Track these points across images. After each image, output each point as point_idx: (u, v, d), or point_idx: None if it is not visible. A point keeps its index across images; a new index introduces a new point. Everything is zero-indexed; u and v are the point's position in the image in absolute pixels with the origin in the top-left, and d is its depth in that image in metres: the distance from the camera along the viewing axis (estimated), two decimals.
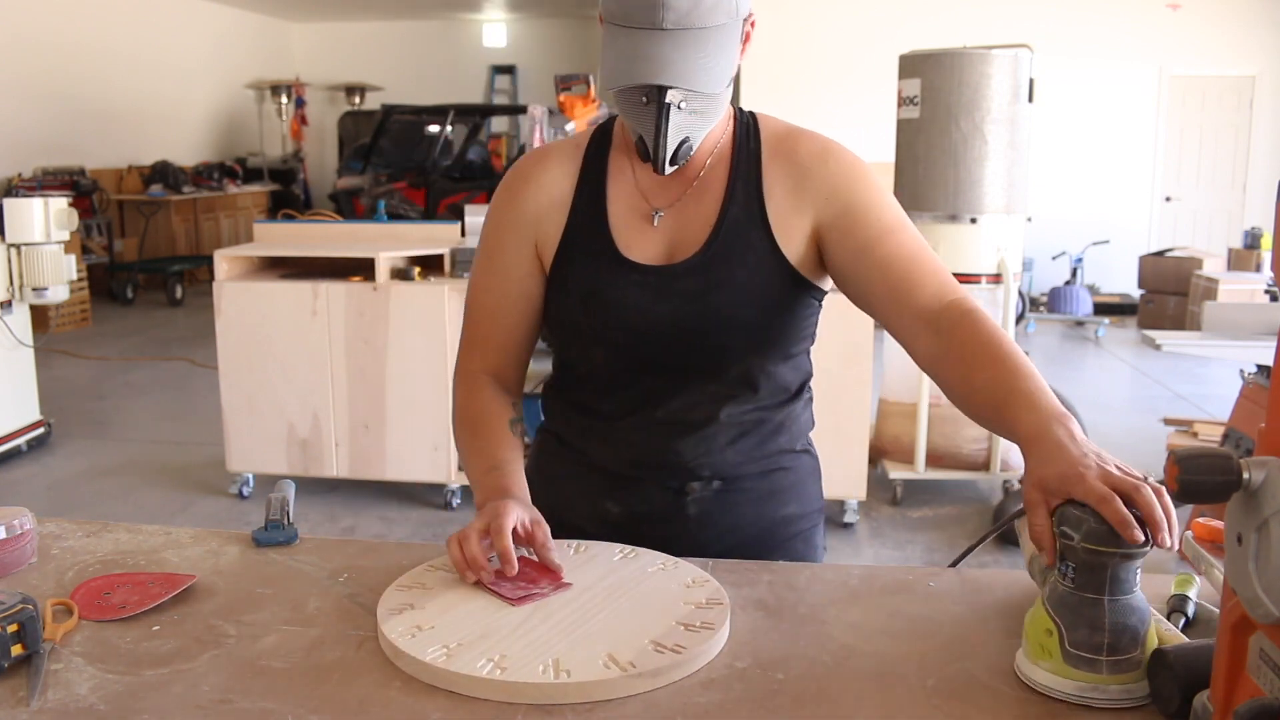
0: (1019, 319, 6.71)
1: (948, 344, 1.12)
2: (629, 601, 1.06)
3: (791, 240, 1.23)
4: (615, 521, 1.31)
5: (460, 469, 4.02)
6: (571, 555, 1.17)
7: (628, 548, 1.19)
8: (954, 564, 1.19)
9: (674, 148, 1.16)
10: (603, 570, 1.13)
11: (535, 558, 1.13)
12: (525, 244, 1.29)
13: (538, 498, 1.22)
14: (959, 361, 1.10)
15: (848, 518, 4.04)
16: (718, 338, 1.24)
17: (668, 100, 1.12)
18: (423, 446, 4.05)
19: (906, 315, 1.18)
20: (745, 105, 1.34)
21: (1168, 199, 9.63)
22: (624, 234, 1.25)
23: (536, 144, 4.63)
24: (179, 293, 9.34)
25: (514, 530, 1.10)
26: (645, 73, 1.10)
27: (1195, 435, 4.52)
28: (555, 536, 1.15)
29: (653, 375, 1.27)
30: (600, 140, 1.31)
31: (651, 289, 1.23)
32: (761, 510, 1.34)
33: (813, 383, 1.45)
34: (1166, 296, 8.05)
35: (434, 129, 10.34)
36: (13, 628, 0.92)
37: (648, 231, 1.25)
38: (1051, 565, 0.91)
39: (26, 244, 4.50)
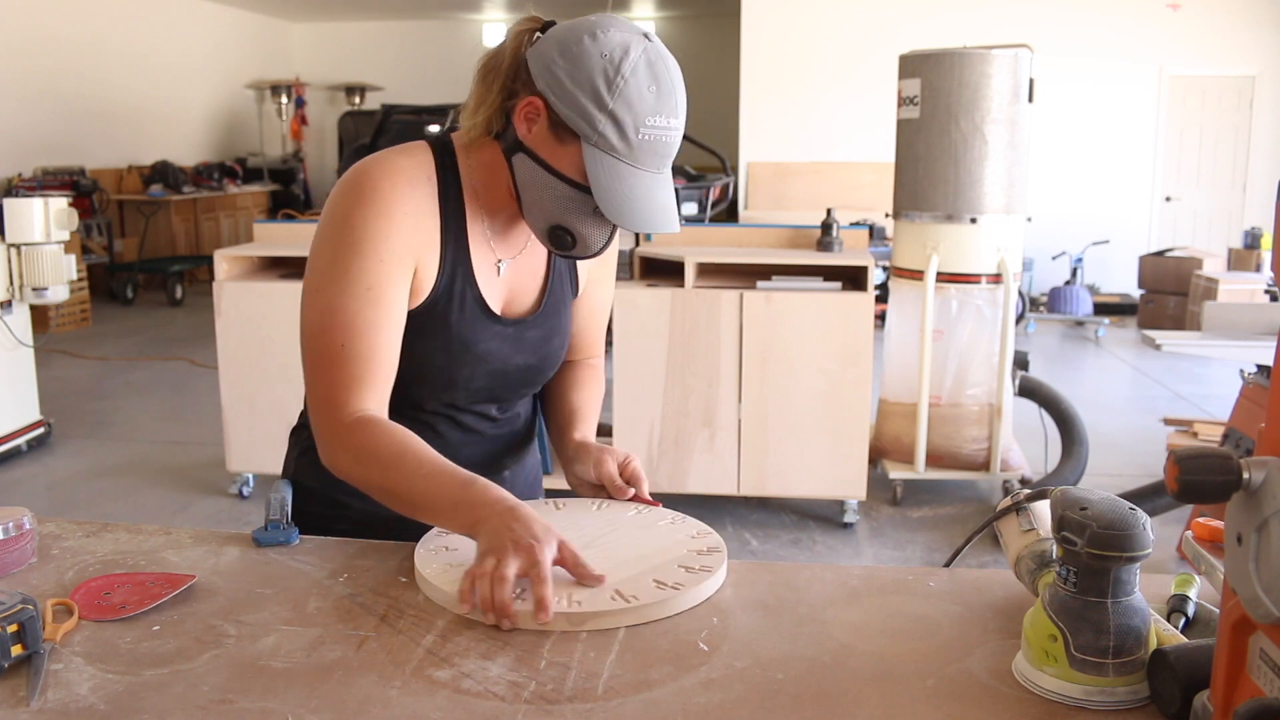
0: (1019, 319, 6.72)
1: (558, 384, 1.46)
2: (640, 548, 1.17)
3: (582, 285, 1.44)
4: None
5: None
6: (556, 513, 1.28)
7: (600, 500, 1.32)
8: (947, 564, 1.21)
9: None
10: (617, 522, 1.25)
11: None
12: (406, 278, 1.23)
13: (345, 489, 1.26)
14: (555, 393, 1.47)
15: (847, 518, 4.04)
16: (547, 375, 1.42)
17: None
18: None
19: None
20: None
21: (1168, 199, 9.63)
22: (483, 284, 1.31)
23: None
24: (179, 293, 9.34)
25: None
26: (665, 222, 1.18)
27: (1195, 435, 4.52)
28: (371, 528, 1.26)
29: (486, 404, 1.38)
30: (446, 173, 1.27)
31: (510, 340, 1.34)
32: (533, 460, 1.54)
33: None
34: (1166, 296, 8.05)
35: (434, 129, 10.34)
36: (13, 628, 0.92)
37: (495, 280, 1.32)
38: None
39: (26, 244, 4.50)
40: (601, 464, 1.30)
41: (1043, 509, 1.09)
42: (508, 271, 1.34)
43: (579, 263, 1.42)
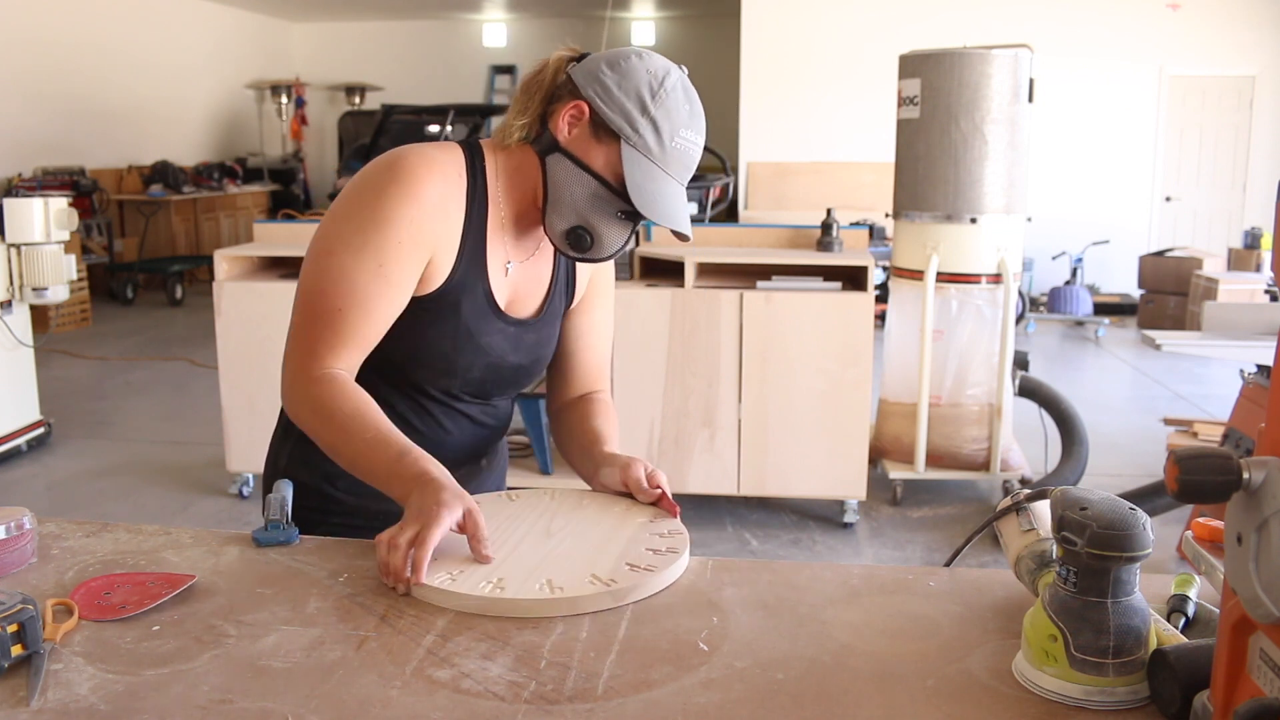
0: (1019, 319, 6.71)
1: (576, 416, 1.49)
2: (601, 534, 1.22)
3: (577, 299, 1.50)
4: None
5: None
6: (510, 504, 1.33)
7: (555, 489, 1.37)
8: (947, 564, 1.21)
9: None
10: (571, 510, 1.30)
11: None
12: (420, 263, 1.30)
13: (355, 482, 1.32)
14: (574, 423, 1.49)
15: (847, 518, 4.04)
16: (534, 377, 1.49)
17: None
18: None
19: (561, 382, 1.54)
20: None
21: (1168, 199, 9.63)
22: (494, 281, 1.38)
23: None
24: (179, 293, 9.34)
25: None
26: (684, 224, 1.30)
27: (1195, 435, 4.52)
28: (363, 528, 1.29)
29: (478, 397, 1.45)
30: (475, 173, 1.34)
31: (510, 339, 1.41)
32: (504, 452, 1.62)
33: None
34: (1166, 296, 8.04)
35: (434, 129, 10.35)
36: (13, 628, 0.92)
37: (503, 280, 1.39)
38: None
39: (26, 244, 4.50)
40: (629, 468, 1.34)
41: (1043, 509, 1.09)
42: (515, 274, 1.40)
43: (576, 280, 1.49)
